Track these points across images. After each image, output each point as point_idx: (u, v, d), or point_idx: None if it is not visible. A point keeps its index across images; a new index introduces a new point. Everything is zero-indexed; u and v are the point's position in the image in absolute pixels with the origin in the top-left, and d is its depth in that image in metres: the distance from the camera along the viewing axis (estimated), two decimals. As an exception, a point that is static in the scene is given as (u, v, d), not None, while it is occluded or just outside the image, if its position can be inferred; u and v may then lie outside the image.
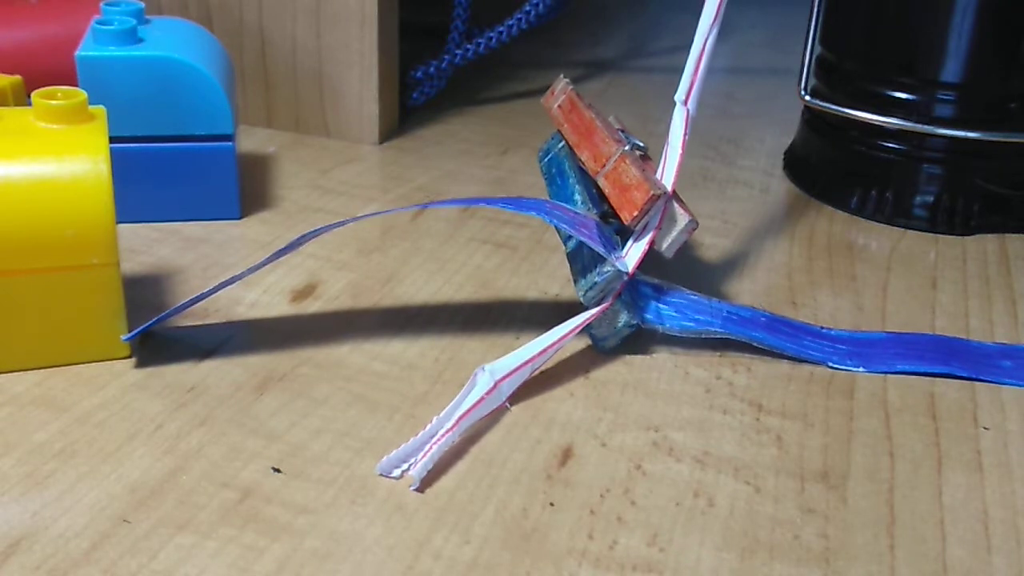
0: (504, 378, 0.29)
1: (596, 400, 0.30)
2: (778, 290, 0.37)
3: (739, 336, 0.32)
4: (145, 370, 0.30)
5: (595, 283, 0.31)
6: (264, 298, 0.34)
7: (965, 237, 0.43)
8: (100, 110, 0.31)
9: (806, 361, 0.32)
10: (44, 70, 0.38)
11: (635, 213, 0.31)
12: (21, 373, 0.29)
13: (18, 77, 0.37)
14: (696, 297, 0.33)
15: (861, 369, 0.32)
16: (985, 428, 0.30)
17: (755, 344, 0.32)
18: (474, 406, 0.28)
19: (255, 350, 0.31)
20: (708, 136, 0.53)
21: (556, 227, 0.32)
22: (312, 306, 0.34)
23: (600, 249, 0.31)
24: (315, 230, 0.30)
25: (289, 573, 0.23)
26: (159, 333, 0.32)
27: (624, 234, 0.32)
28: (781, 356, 0.32)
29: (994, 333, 0.35)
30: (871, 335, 0.34)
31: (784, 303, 0.36)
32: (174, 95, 0.37)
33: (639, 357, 0.32)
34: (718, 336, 0.32)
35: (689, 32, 0.34)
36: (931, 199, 0.43)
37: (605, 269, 0.31)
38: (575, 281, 0.32)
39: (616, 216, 0.32)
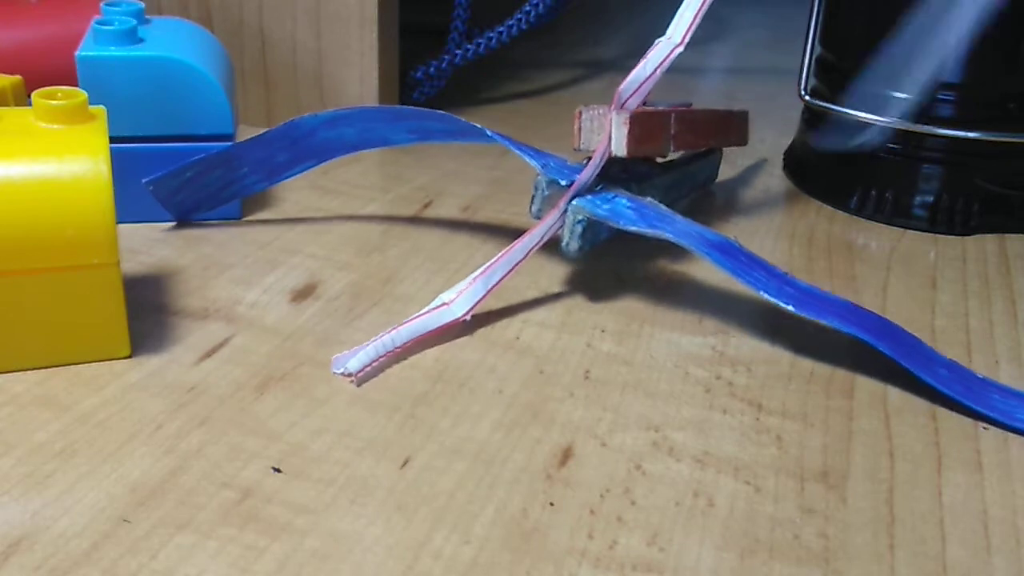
0: (458, 295, 0.32)
1: (596, 400, 0.30)
2: (778, 290, 0.37)
3: (687, 246, 0.32)
4: (145, 370, 0.30)
5: (533, 196, 0.35)
6: (264, 298, 0.34)
7: (965, 237, 0.43)
8: (100, 110, 0.31)
9: (747, 286, 0.32)
10: (44, 70, 0.38)
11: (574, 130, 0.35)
12: (21, 373, 0.29)
13: (18, 77, 0.37)
14: (668, 212, 0.34)
15: (791, 308, 0.31)
16: (985, 428, 0.30)
17: (700, 255, 0.32)
18: (423, 314, 0.32)
19: (255, 350, 0.31)
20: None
21: (505, 145, 0.35)
22: (312, 306, 0.34)
23: (529, 159, 0.35)
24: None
25: (289, 573, 0.23)
26: (159, 333, 0.32)
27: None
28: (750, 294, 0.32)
29: (994, 333, 0.35)
30: (826, 294, 0.32)
31: (784, 303, 0.36)
32: (174, 95, 0.37)
33: (639, 357, 0.32)
34: (668, 241, 0.33)
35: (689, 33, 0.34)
36: (931, 199, 0.43)
37: (539, 180, 0.35)
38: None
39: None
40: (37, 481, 0.25)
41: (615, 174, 0.36)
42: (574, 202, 0.34)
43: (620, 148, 0.34)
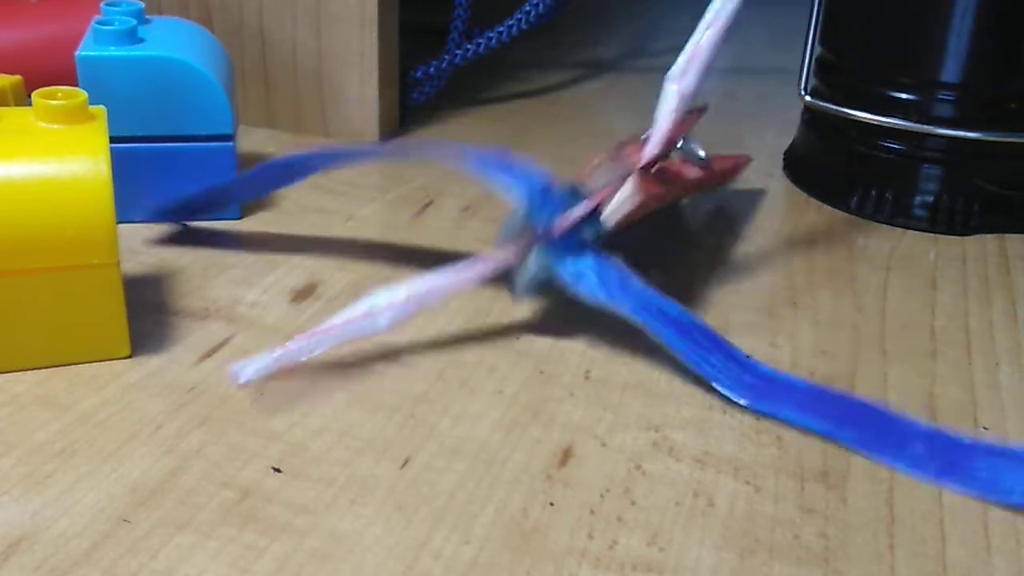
0: (386, 308, 0.29)
1: (596, 400, 0.30)
2: (778, 290, 0.37)
3: (643, 323, 0.30)
4: (145, 370, 0.30)
5: (505, 224, 0.32)
6: (264, 298, 0.34)
7: (965, 237, 0.43)
8: (100, 110, 0.31)
9: (698, 373, 0.30)
10: (44, 70, 0.38)
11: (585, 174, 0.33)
12: (21, 373, 0.29)
13: (18, 77, 0.37)
14: (632, 280, 0.32)
15: (744, 402, 0.30)
16: (985, 428, 0.30)
17: (654, 338, 0.31)
18: (341, 324, 0.29)
19: (255, 350, 0.31)
20: (708, 136, 0.53)
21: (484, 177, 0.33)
22: (312, 306, 0.34)
23: (508, 188, 0.32)
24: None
25: (289, 573, 0.23)
26: (159, 333, 0.32)
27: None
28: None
29: (994, 333, 0.35)
30: (791, 379, 0.31)
31: (784, 303, 0.36)
32: (175, 95, 0.37)
33: (639, 357, 0.32)
34: (626, 318, 0.31)
35: (689, 33, 0.34)
36: (931, 199, 0.43)
37: (515, 213, 0.32)
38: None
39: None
40: (37, 481, 0.25)
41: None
42: (539, 252, 0.32)
43: (611, 218, 0.32)
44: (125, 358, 0.30)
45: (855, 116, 0.44)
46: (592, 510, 0.25)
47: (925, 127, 0.42)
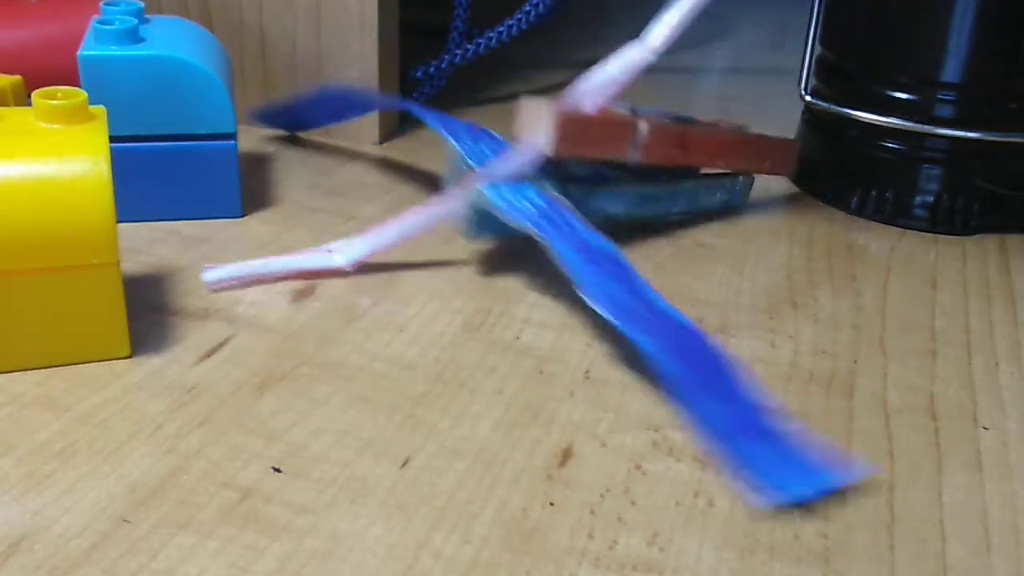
0: (344, 246, 0.35)
1: (596, 400, 0.30)
2: (778, 290, 0.37)
3: (560, 260, 0.32)
4: (145, 370, 0.30)
5: (445, 178, 0.36)
6: (264, 298, 0.34)
7: (965, 237, 0.43)
8: (100, 110, 0.31)
9: (585, 296, 0.31)
10: (44, 70, 0.38)
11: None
12: (22, 373, 0.29)
13: (18, 77, 0.37)
14: (572, 218, 0.33)
15: (610, 316, 0.30)
16: (985, 428, 0.30)
17: (568, 273, 0.32)
18: (305, 253, 0.35)
19: (255, 350, 0.31)
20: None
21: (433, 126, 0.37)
22: (312, 306, 0.34)
23: (452, 140, 0.36)
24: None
25: (289, 573, 0.23)
26: (159, 333, 0.32)
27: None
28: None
29: (994, 333, 0.35)
30: (670, 313, 0.31)
31: (784, 303, 0.36)
32: (176, 94, 0.37)
33: (639, 357, 0.32)
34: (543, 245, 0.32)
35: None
36: (931, 199, 0.43)
37: (453, 160, 0.36)
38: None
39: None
40: (37, 481, 0.25)
41: (563, 170, 0.36)
42: (479, 189, 0.34)
43: (548, 147, 0.34)
44: (125, 358, 0.30)
45: (855, 116, 0.44)
46: (592, 510, 0.25)
47: (925, 127, 0.42)
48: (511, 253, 0.39)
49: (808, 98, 0.46)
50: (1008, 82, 0.42)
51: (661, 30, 0.34)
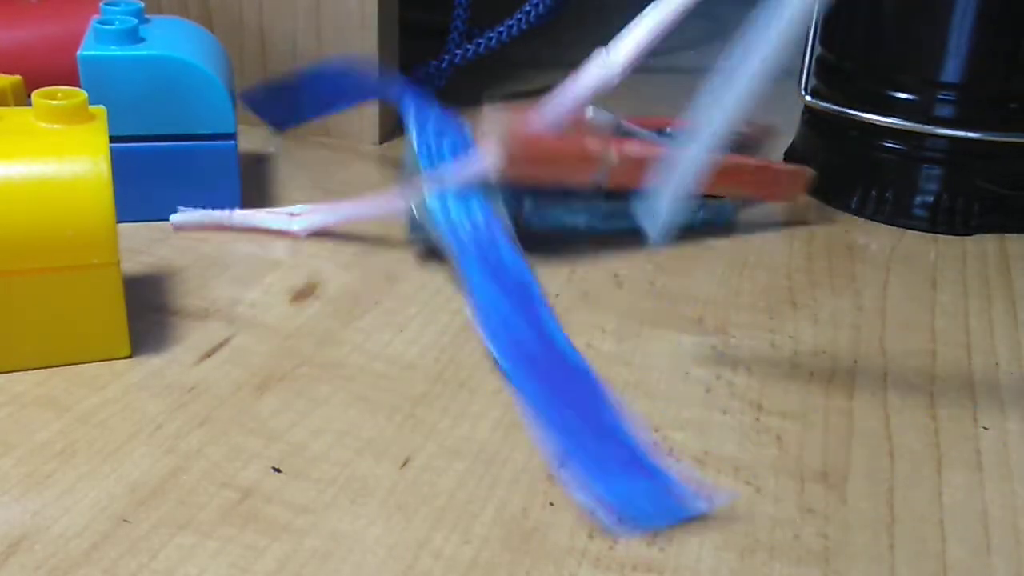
0: (300, 215, 0.38)
1: (596, 400, 0.30)
2: (778, 290, 0.37)
3: (467, 284, 0.32)
4: (145, 370, 0.30)
5: (403, 165, 0.37)
6: (264, 298, 0.34)
7: (965, 237, 0.43)
8: (100, 110, 0.31)
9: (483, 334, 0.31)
10: (44, 70, 0.38)
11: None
12: (22, 373, 0.29)
13: (18, 77, 0.37)
14: (499, 242, 0.33)
15: (503, 364, 0.30)
16: (985, 428, 0.30)
17: (461, 276, 0.32)
18: (268, 213, 0.38)
19: (255, 350, 0.31)
20: (708, 136, 0.53)
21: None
22: (312, 306, 0.34)
23: (416, 136, 0.36)
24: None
25: (289, 573, 0.23)
26: (159, 333, 0.32)
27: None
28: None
29: (994, 333, 0.35)
30: (563, 350, 0.31)
31: (784, 303, 0.36)
32: (177, 94, 0.37)
33: (639, 357, 0.32)
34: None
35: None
36: (931, 199, 0.43)
37: (409, 157, 0.36)
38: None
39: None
40: (37, 481, 0.25)
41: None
42: (425, 196, 0.34)
43: (498, 165, 0.33)
44: (125, 358, 0.30)
45: (855, 116, 0.44)
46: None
47: (925, 127, 0.42)
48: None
49: (808, 98, 0.46)
50: (1008, 82, 0.42)
51: (626, 46, 0.32)
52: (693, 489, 0.26)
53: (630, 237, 0.36)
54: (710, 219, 0.42)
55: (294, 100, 0.47)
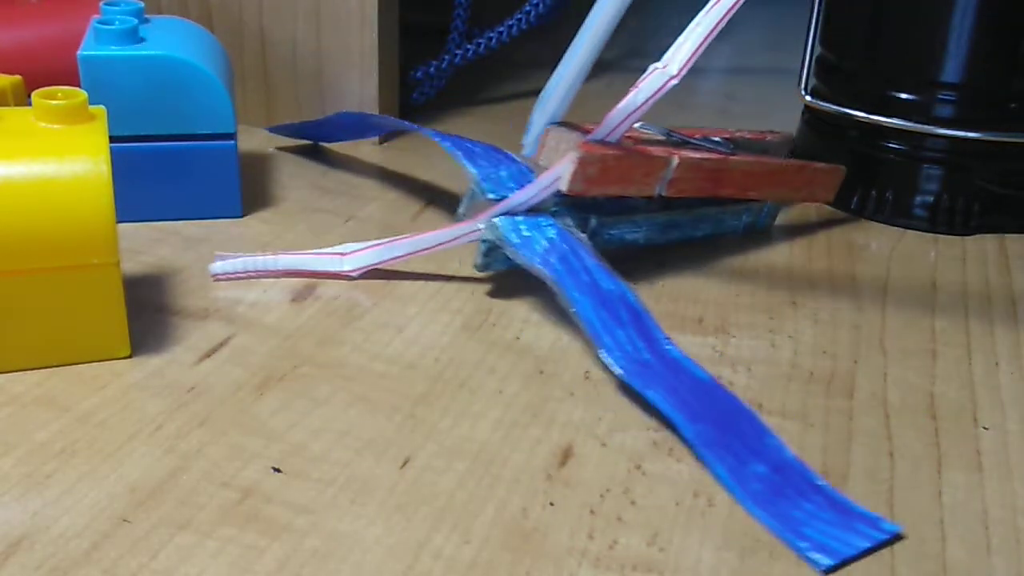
0: (354, 253, 0.35)
1: (596, 400, 0.30)
2: (778, 290, 0.37)
3: (560, 290, 0.32)
4: (145, 370, 0.30)
5: (462, 200, 0.36)
6: (264, 298, 0.34)
7: (965, 237, 0.43)
8: (100, 110, 0.31)
9: (595, 344, 0.31)
10: (44, 70, 0.38)
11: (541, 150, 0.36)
12: (21, 373, 0.29)
13: (18, 77, 0.37)
14: (588, 260, 0.33)
15: (618, 371, 0.30)
16: (985, 428, 0.30)
17: (565, 304, 0.32)
18: (314, 254, 0.35)
19: (255, 350, 0.31)
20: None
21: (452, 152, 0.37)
22: (312, 306, 0.34)
23: (469, 166, 0.35)
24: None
25: (289, 573, 0.23)
26: (159, 333, 0.32)
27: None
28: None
29: (994, 333, 0.35)
30: (694, 369, 0.30)
31: (784, 303, 0.36)
32: (177, 94, 0.37)
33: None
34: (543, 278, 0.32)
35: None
36: (931, 199, 0.43)
37: (471, 188, 0.35)
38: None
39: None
40: (37, 481, 0.25)
41: (584, 199, 0.35)
42: (494, 219, 0.34)
43: (565, 184, 0.33)
44: (125, 358, 0.30)
45: (855, 116, 0.44)
46: (592, 510, 0.25)
47: (926, 127, 0.42)
48: (511, 253, 0.39)
49: (808, 98, 0.46)
50: (1008, 82, 0.42)
51: (681, 54, 0.32)
52: (875, 515, 0.25)
53: (683, 248, 0.37)
54: (752, 222, 0.41)
55: (318, 132, 0.48)
